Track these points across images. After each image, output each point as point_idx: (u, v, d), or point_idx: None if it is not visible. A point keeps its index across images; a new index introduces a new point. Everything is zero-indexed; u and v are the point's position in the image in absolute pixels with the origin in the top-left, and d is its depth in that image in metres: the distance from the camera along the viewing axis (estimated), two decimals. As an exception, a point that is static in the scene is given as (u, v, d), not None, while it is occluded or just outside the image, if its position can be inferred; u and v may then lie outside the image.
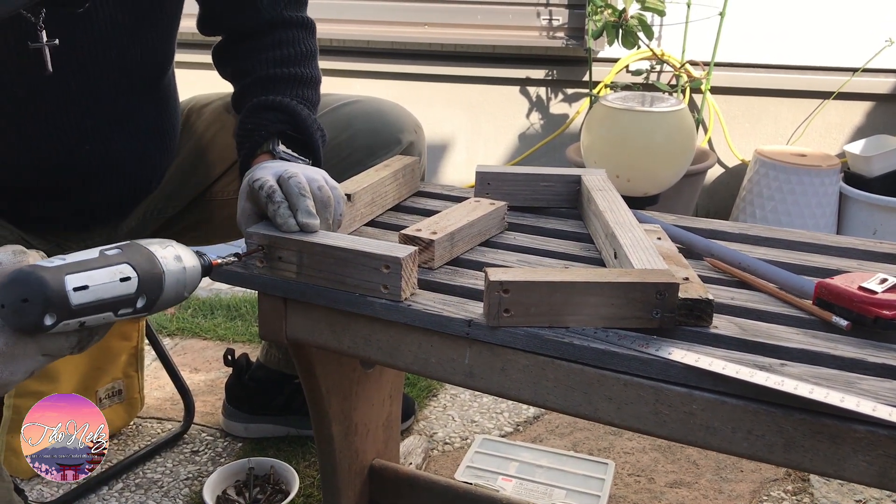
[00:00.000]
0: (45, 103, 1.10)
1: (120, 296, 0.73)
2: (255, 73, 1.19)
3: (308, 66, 1.22)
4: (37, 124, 1.12)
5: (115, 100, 1.17)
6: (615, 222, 1.00)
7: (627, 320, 0.84)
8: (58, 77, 1.08)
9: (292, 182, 0.97)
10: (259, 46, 1.21)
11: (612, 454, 1.57)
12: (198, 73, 1.78)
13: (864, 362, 0.78)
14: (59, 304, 0.70)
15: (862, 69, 2.50)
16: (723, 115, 2.65)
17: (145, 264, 0.76)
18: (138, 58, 1.16)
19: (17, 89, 1.07)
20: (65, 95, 1.11)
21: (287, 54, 1.20)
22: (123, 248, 0.76)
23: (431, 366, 0.91)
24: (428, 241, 0.98)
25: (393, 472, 1.27)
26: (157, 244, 0.78)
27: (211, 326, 2.10)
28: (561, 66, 2.76)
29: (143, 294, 0.75)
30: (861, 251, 1.02)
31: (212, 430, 1.68)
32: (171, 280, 0.78)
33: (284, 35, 1.22)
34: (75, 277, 0.71)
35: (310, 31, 1.26)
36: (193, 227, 1.41)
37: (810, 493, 1.46)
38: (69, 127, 1.14)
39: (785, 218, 2.38)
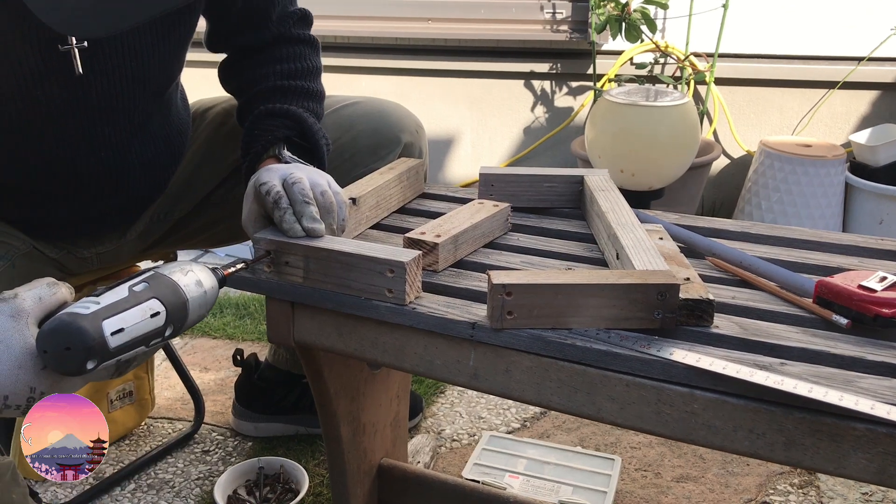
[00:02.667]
0: (67, 108, 1.12)
1: (152, 330, 0.78)
2: (261, 85, 1.21)
3: (314, 82, 1.24)
4: (57, 129, 1.13)
5: (132, 108, 1.18)
6: (617, 223, 1.01)
7: (629, 321, 0.85)
8: (81, 83, 1.09)
9: (296, 188, 0.98)
10: (266, 60, 1.23)
11: (619, 449, 1.59)
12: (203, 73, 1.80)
13: (864, 360, 0.79)
14: (99, 350, 0.74)
15: (867, 58, 2.50)
16: (727, 107, 2.65)
17: (171, 296, 0.79)
18: (155, 68, 1.17)
19: (41, 93, 1.08)
20: (86, 101, 1.12)
21: (294, 68, 1.23)
22: (150, 282, 0.79)
23: (437, 367, 0.92)
24: (432, 245, 0.99)
25: (401, 472, 1.29)
26: (178, 271, 0.82)
27: (220, 325, 2.12)
28: (565, 60, 2.76)
29: (171, 324, 0.80)
30: (862, 248, 1.03)
31: (222, 430, 1.70)
32: (194, 305, 0.82)
33: (291, 50, 1.24)
34: (111, 322, 0.74)
35: (315, 49, 1.29)
36: (201, 229, 1.43)
37: (816, 486, 1.47)
38: (88, 133, 1.15)
39: (791, 209, 2.38)
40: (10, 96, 1.07)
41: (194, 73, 1.96)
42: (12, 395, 0.74)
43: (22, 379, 0.74)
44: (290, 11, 1.26)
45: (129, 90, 1.16)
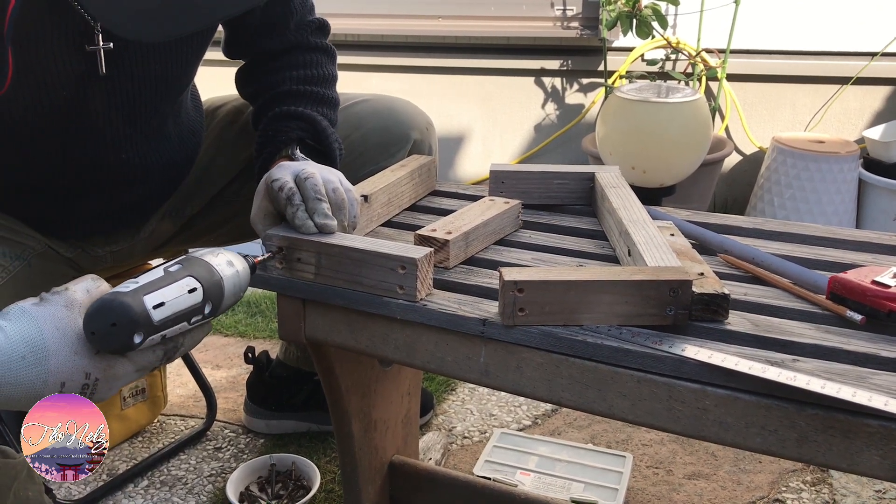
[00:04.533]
0: (93, 108, 1.12)
1: (191, 306, 0.81)
2: (277, 89, 1.22)
3: (329, 89, 1.25)
4: (82, 130, 1.14)
5: (153, 110, 1.19)
6: (629, 220, 1.01)
7: (642, 318, 0.85)
8: (107, 84, 1.10)
9: (308, 184, 0.98)
10: (283, 66, 1.24)
11: (631, 446, 1.58)
12: (213, 71, 1.80)
13: (877, 357, 0.78)
14: (144, 323, 0.77)
15: (881, 53, 2.48)
16: (739, 103, 2.64)
17: (205, 274, 0.83)
18: (175, 71, 1.19)
19: (66, 92, 1.09)
20: (111, 102, 1.13)
21: (310, 75, 1.23)
22: (183, 263, 0.82)
23: (448, 364, 0.92)
24: (443, 242, 0.99)
25: (412, 468, 1.29)
26: (210, 253, 0.85)
27: (232, 323, 2.13)
28: (576, 56, 2.76)
29: (208, 301, 0.83)
30: (876, 245, 1.02)
31: (234, 427, 1.71)
32: (229, 284, 0.85)
33: (308, 57, 1.25)
34: (152, 297, 0.78)
35: (332, 58, 1.29)
36: (213, 227, 1.43)
37: (829, 483, 1.46)
38: (112, 134, 1.16)
39: (803, 206, 2.36)
40: (35, 95, 1.07)
41: (205, 72, 1.97)
42: (69, 382, 0.77)
43: (78, 364, 0.76)
44: (309, 21, 1.27)
45: (151, 91, 1.17)
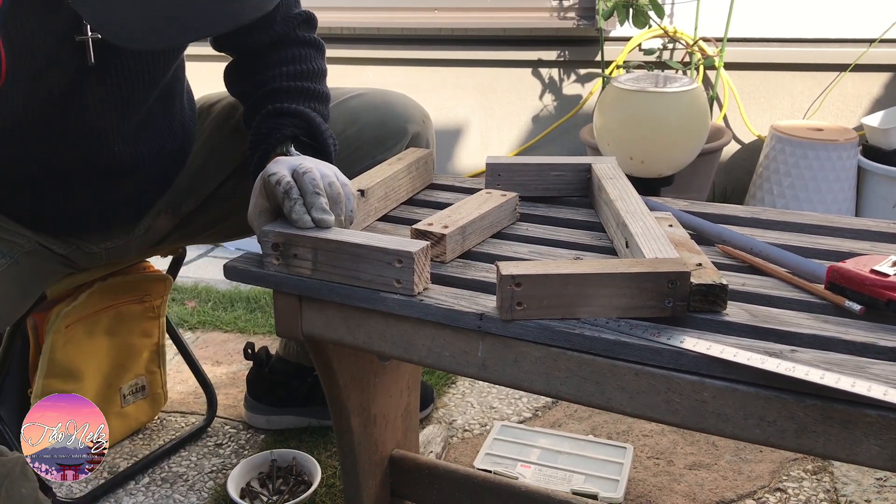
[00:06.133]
0: (84, 99, 1.12)
1: None
2: (268, 86, 1.21)
3: (319, 84, 1.24)
4: (72, 121, 1.14)
5: (143, 103, 1.19)
6: (626, 211, 1.00)
7: (640, 310, 0.84)
8: (97, 77, 1.10)
9: (306, 178, 0.98)
10: (272, 62, 1.23)
11: (631, 437, 1.58)
12: (208, 66, 1.80)
13: (876, 346, 0.78)
14: None
15: (879, 40, 2.47)
16: (738, 91, 2.63)
17: None
18: (165, 63, 1.18)
19: (54, 83, 1.08)
20: (102, 95, 1.13)
21: (300, 70, 1.23)
22: None
23: (445, 359, 0.92)
24: (440, 236, 0.99)
25: (413, 462, 1.29)
26: None
27: (231, 319, 2.13)
28: (573, 47, 2.75)
29: None
30: (875, 233, 1.02)
31: (234, 423, 1.71)
32: None
33: (297, 52, 1.24)
34: None
35: (320, 52, 1.28)
36: (209, 224, 1.43)
37: (830, 472, 1.46)
38: (103, 127, 1.16)
39: (803, 193, 2.36)
40: (24, 86, 1.07)
41: (199, 67, 1.96)
42: None
43: None
44: (295, 13, 1.25)
45: (140, 85, 1.16)
